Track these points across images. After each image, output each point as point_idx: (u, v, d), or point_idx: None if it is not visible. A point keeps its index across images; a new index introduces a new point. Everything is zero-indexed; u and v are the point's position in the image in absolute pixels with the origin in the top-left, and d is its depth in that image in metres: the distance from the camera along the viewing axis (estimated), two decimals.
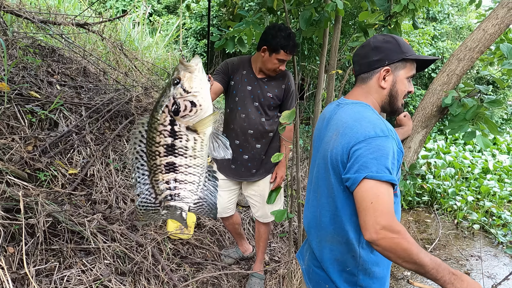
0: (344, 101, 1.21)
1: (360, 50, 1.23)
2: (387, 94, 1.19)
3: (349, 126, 1.06)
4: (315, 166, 1.25)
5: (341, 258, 1.15)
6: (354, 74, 1.25)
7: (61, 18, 3.83)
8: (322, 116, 1.31)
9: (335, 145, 1.08)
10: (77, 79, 3.43)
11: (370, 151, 0.97)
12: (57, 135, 2.46)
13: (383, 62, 1.16)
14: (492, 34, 1.83)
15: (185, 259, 2.42)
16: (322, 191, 1.17)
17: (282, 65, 2.10)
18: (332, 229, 1.15)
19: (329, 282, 1.19)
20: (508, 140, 9.00)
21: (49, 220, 1.83)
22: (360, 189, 0.96)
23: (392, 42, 1.18)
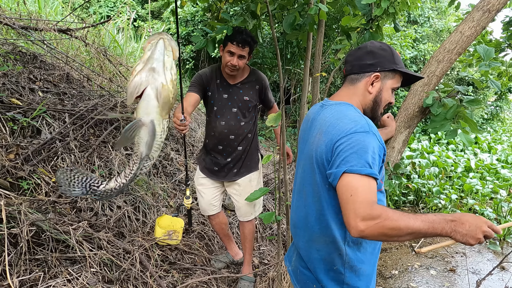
0: (328, 102, 1.24)
1: (355, 52, 1.26)
2: (371, 99, 1.21)
3: (331, 124, 1.09)
4: (300, 167, 1.27)
5: (328, 257, 1.16)
6: (344, 74, 1.28)
7: (42, 24, 3.77)
8: (307, 117, 1.33)
9: (319, 144, 1.10)
10: (60, 86, 3.38)
11: (350, 146, 0.99)
12: (40, 142, 2.41)
13: (375, 68, 1.19)
14: (469, 36, 1.89)
15: (174, 265, 2.40)
16: (307, 191, 1.18)
17: (233, 59, 2.08)
18: (318, 228, 1.16)
19: (316, 282, 1.20)
20: (489, 139, 9.26)
21: (33, 229, 1.79)
22: (340, 183, 0.97)
23: (387, 51, 1.21)
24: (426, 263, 3.67)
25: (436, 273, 3.48)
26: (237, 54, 2.08)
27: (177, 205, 3.03)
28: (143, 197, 2.70)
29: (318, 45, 2.29)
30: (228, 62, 2.10)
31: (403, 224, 0.90)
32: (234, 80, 2.24)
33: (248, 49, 2.12)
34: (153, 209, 2.73)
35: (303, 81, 2.72)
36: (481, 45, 1.80)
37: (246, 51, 2.11)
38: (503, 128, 12.10)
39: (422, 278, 3.37)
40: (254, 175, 2.40)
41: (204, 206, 2.47)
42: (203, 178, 2.41)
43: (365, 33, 2.11)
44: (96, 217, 2.29)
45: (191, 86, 2.22)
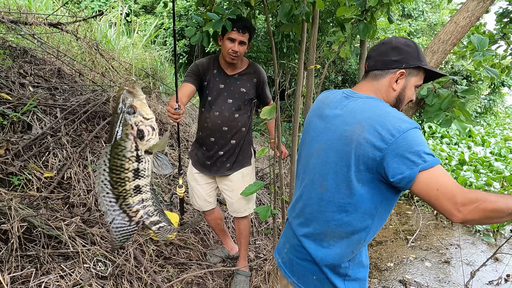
0: (354, 94, 1.18)
1: (379, 47, 1.22)
2: (395, 96, 1.19)
3: (376, 121, 1.03)
4: (314, 157, 1.20)
5: (339, 251, 1.15)
6: (366, 69, 1.24)
7: (32, 18, 3.70)
8: (321, 104, 1.27)
9: (360, 143, 1.04)
10: (51, 81, 3.33)
11: (410, 145, 0.97)
12: (30, 137, 2.37)
13: (401, 64, 1.16)
14: (464, 27, 1.89)
15: (169, 260, 2.39)
16: (329, 185, 1.13)
17: (234, 45, 2.07)
18: (337, 224, 1.13)
19: (318, 273, 1.19)
20: (483, 132, 9.33)
21: (24, 225, 1.76)
22: (419, 184, 0.96)
23: (413, 47, 1.18)
24: (421, 255, 3.69)
25: (431, 265, 3.50)
26: (238, 40, 2.07)
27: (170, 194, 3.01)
28: None
29: (312, 37, 2.27)
30: (229, 49, 2.07)
31: (503, 204, 0.91)
32: (232, 71, 2.20)
33: (248, 35, 2.10)
34: None
35: (298, 74, 2.70)
36: (475, 35, 1.79)
37: (246, 37, 2.10)
38: (496, 122, 12.20)
39: (417, 270, 3.39)
40: (246, 170, 2.35)
41: (199, 202, 2.44)
42: (197, 174, 2.38)
43: (359, 24, 2.09)
44: (89, 212, 2.26)
45: (186, 76, 2.18)
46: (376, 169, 1.03)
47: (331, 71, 7.96)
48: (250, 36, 2.15)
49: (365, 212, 1.10)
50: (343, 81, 8.88)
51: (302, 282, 1.25)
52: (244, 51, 2.13)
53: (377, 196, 1.08)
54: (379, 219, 1.13)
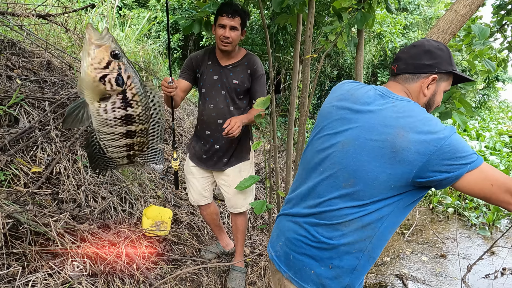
0: (390, 94, 1.14)
1: (410, 49, 1.18)
2: (425, 102, 1.17)
3: (419, 127, 1.02)
4: (338, 151, 1.15)
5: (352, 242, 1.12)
6: (395, 71, 1.20)
7: (20, 8, 3.59)
8: (347, 95, 1.20)
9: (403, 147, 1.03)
10: (40, 73, 3.23)
11: (456, 149, 0.99)
12: (17, 131, 2.29)
13: (433, 69, 1.13)
14: (464, 15, 1.83)
15: (162, 256, 2.33)
16: (355, 183, 1.10)
17: (225, 31, 2.00)
18: (355, 216, 1.10)
19: (316, 267, 1.15)
20: (477, 127, 9.36)
21: (10, 222, 1.69)
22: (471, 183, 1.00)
23: (445, 51, 1.15)
24: (417, 249, 3.68)
25: (427, 259, 3.49)
26: (228, 25, 1.99)
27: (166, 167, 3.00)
28: (129, 187, 2.61)
29: (308, 26, 2.21)
30: (221, 35, 2.00)
31: None
32: (226, 62, 2.13)
33: (239, 19, 2.01)
34: (140, 200, 2.65)
35: (293, 66, 2.64)
36: (475, 24, 1.74)
37: (237, 22, 2.01)
38: (490, 116, 12.26)
39: (413, 264, 3.38)
40: (244, 165, 2.28)
41: (195, 196, 2.39)
42: (193, 167, 2.32)
43: (356, 13, 2.03)
44: (79, 208, 2.20)
45: (181, 72, 2.20)
46: (415, 174, 1.02)
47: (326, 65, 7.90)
48: (243, 21, 2.05)
49: (383, 211, 1.09)
50: (339, 75, 8.84)
51: (299, 277, 1.20)
52: (237, 37, 2.04)
53: (401, 198, 1.08)
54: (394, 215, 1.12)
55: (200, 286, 2.23)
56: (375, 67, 9.04)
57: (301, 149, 2.44)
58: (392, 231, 1.16)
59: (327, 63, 7.75)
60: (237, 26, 2.02)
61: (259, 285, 2.45)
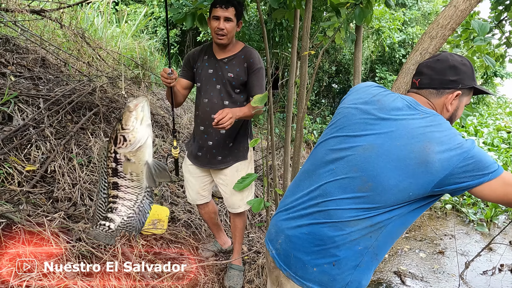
0: (418, 106, 1.13)
1: (435, 64, 1.18)
2: (447, 118, 1.17)
3: (445, 142, 1.05)
4: (358, 154, 1.14)
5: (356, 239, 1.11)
6: (417, 85, 1.20)
7: (14, 4, 3.54)
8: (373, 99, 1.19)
9: (429, 161, 1.05)
10: (35, 70, 3.19)
11: (478, 160, 1.02)
12: (11, 129, 2.26)
13: (458, 85, 1.14)
14: (463, 10, 1.80)
15: (159, 255, 2.31)
16: (373, 188, 1.09)
17: (219, 23, 1.96)
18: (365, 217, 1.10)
19: (319, 265, 1.14)
20: (475, 123, 9.36)
21: (3, 222, 1.67)
22: (496, 191, 1.03)
23: (468, 66, 1.16)
24: (415, 246, 3.68)
25: (425, 255, 3.49)
26: (222, 16, 1.94)
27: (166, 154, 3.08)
28: None
29: (306, 22, 2.18)
30: (215, 27, 1.96)
31: None
32: (222, 55, 2.08)
33: (233, 10, 1.96)
34: None
35: (291, 62, 2.62)
36: (475, 20, 1.71)
37: (232, 13, 1.96)
38: (488, 112, 12.27)
39: (411, 261, 3.37)
40: (241, 165, 2.22)
41: (193, 195, 2.35)
42: (191, 166, 2.28)
43: (355, 8, 2.00)
44: (74, 207, 2.17)
45: (181, 70, 2.21)
46: (436, 184, 1.04)
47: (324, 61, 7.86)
48: (237, 11, 1.99)
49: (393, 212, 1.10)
50: (337, 71, 8.80)
51: (300, 275, 1.18)
52: (232, 28, 1.98)
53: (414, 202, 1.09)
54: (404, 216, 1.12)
55: (197, 284, 2.22)
56: (373, 63, 9.00)
57: (298, 146, 2.42)
58: (401, 230, 1.16)
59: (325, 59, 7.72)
60: (231, 17, 1.96)
61: (257, 283, 2.44)
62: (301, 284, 1.17)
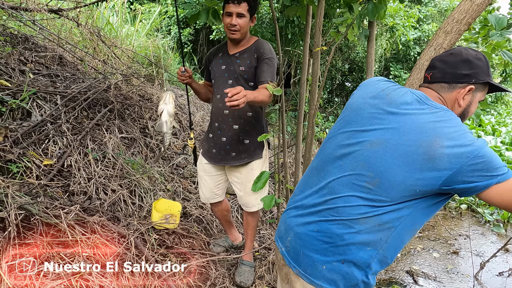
0: (428, 101, 1.12)
1: (447, 57, 1.16)
2: (459, 112, 1.15)
3: (456, 139, 1.03)
4: (365, 149, 1.13)
5: (367, 239, 1.10)
6: (429, 79, 1.18)
7: (33, 3, 3.63)
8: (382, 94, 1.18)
9: (437, 156, 1.03)
10: (52, 68, 3.27)
11: (487, 160, 1.00)
12: (30, 124, 2.33)
13: (471, 79, 1.12)
14: (480, 5, 1.77)
15: (171, 249, 2.35)
16: (381, 183, 1.08)
17: (232, 19, 1.96)
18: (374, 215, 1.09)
19: (328, 263, 1.13)
20: (493, 122, 9.14)
21: (22, 213, 1.72)
22: (503, 195, 1.00)
23: (483, 61, 1.14)
24: (428, 245, 3.62)
25: (439, 255, 3.43)
26: (235, 12, 1.94)
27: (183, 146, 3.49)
28: (139, 180, 2.63)
29: (318, 18, 2.17)
30: (228, 23, 1.97)
31: None
32: (234, 50, 2.08)
33: (245, 5, 1.95)
34: (149, 193, 2.67)
35: (303, 59, 2.61)
36: (492, 14, 1.68)
37: (244, 8, 1.95)
38: (507, 111, 11.95)
39: (424, 260, 3.33)
40: (257, 163, 2.19)
41: (206, 194, 2.35)
42: (206, 164, 2.28)
43: (368, 4, 1.99)
44: (90, 201, 2.22)
45: (205, 73, 2.34)
46: (443, 182, 1.02)
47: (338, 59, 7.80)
48: (250, 6, 1.98)
49: (402, 211, 1.08)
50: (350, 69, 8.72)
51: (309, 272, 1.18)
52: (245, 24, 1.98)
53: (422, 201, 1.08)
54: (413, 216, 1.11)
55: (208, 278, 2.24)
56: (387, 61, 8.88)
57: (310, 144, 2.42)
58: (410, 233, 1.14)
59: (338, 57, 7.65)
60: (244, 13, 1.96)
61: (267, 279, 2.45)
62: (311, 282, 1.17)
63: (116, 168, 2.53)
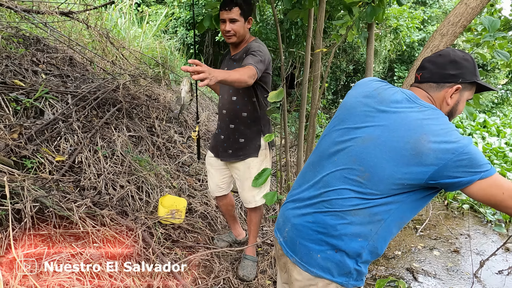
0: (417, 100, 1.18)
1: (436, 58, 1.23)
2: (447, 111, 1.21)
3: (442, 135, 1.09)
4: (357, 145, 1.19)
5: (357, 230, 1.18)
6: (419, 78, 1.25)
7: (44, 6, 3.76)
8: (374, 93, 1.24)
9: (424, 152, 1.09)
10: (63, 68, 3.39)
11: (474, 158, 1.05)
12: (43, 122, 2.43)
13: (457, 79, 1.18)
14: (474, 8, 1.84)
15: (177, 243, 2.44)
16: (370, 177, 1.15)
17: (225, 25, 2.04)
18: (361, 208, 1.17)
19: (322, 252, 1.21)
20: (498, 123, 9.11)
21: (36, 206, 1.82)
22: (484, 190, 1.07)
23: (470, 61, 1.20)
24: (429, 244, 3.67)
25: (439, 253, 3.48)
26: (227, 18, 2.01)
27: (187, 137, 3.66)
28: (146, 177, 2.73)
29: (319, 21, 2.25)
30: (223, 30, 2.06)
31: None
32: (234, 52, 2.19)
33: (237, 9, 2.00)
34: (156, 189, 2.76)
35: (305, 60, 2.69)
36: (486, 17, 1.74)
37: (236, 13, 2.01)
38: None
39: (425, 258, 3.38)
40: (253, 162, 2.26)
41: (212, 187, 2.48)
42: (211, 158, 2.41)
43: (366, 7, 2.06)
44: (99, 195, 2.32)
45: None
46: (430, 176, 1.08)
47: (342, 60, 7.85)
48: (243, 10, 2.02)
49: (391, 204, 1.15)
50: (355, 70, 8.77)
51: (305, 261, 1.26)
52: (239, 28, 2.03)
53: (410, 195, 1.14)
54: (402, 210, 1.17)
55: (212, 271, 2.33)
56: (392, 62, 8.91)
57: (311, 143, 2.49)
58: (399, 225, 1.21)
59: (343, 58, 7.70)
60: (237, 18, 2.01)
61: (269, 273, 2.53)
62: (306, 270, 1.25)
63: (124, 165, 2.63)
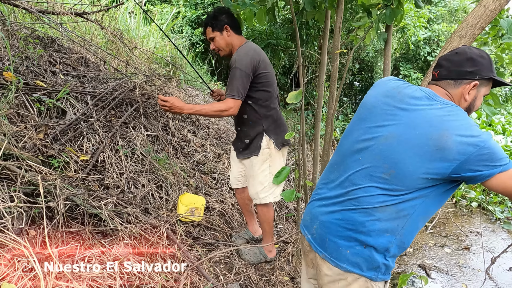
0: (436, 97, 1.22)
1: (453, 56, 1.27)
2: (465, 107, 1.26)
3: (463, 131, 1.13)
4: (381, 143, 1.24)
5: (385, 226, 1.22)
6: (436, 76, 1.29)
7: (59, 7, 3.80)
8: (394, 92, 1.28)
9: (445, 147, 1.13)
10: (79, 69, 3.44)
11: (493, 152, 1.10)
12: (66, 123, 2.48)
13: (475, 76, 1.22)
14: (493, 10, 1.88)
15: (197, 240, 2.49)
16: (396, 174, 1.19)
17: (211, 44, 2.26)
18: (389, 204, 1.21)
19: (351, 247, 1.26)
20: (503, 121, 9.14)
21: (67, 204, 1.88)
22: (505, 183, 1.11)
23: (486, 58, 1.24)
24: (440, 241, 3.72)
25: (450, 251, 3.53)
26: (208, 39, 2.24)
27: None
28: (165, 176, 2.78)
29: (338, 22, 2.29)
30: (211, 49, 2.27)
31: None
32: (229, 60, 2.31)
33: (209, 29, 2.19)
34: (174, 188, 2.81)
35: (321, 60, 2.73)
36: (504, 19, 1.78)
37: (209, 32, 2.20)
38: None
39: (436, 255, 3.43)
40: (255, 160, 2.36)
41: (231, 178, 2.66)
42: (232, 151, 2.57)
43: (386, 9, 2.10)
44: (122, 194, 2.38)
45: None
46: (452, 171, 1.13)
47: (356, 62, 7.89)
48: (213, 26, 2.18)
49: (416, 200, 1.19)
50: (360, 69, 8.80)
51: (335, 256, 1.31)
52: (220, 42, 2.21)
53: (434, 189, 1.19)
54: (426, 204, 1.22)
55: (233, 268, 2.38)
56: (397, 61, 8.94)
57: (329, 141, 2.54)
58: (424, 219, 1.26)
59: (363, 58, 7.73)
60: (212, 35, 2.20)
61: (287, 270, 2.58)
62: (336, 265, 1.30)
63: (145, 164, 2.69)
